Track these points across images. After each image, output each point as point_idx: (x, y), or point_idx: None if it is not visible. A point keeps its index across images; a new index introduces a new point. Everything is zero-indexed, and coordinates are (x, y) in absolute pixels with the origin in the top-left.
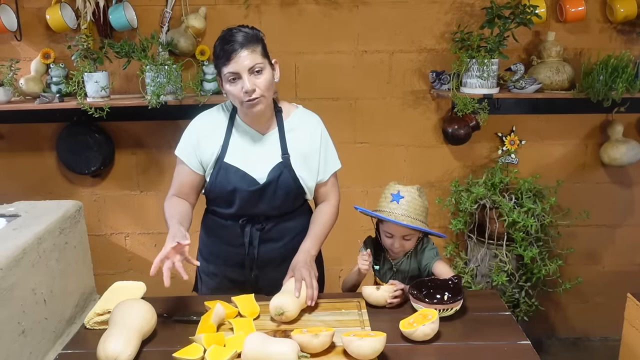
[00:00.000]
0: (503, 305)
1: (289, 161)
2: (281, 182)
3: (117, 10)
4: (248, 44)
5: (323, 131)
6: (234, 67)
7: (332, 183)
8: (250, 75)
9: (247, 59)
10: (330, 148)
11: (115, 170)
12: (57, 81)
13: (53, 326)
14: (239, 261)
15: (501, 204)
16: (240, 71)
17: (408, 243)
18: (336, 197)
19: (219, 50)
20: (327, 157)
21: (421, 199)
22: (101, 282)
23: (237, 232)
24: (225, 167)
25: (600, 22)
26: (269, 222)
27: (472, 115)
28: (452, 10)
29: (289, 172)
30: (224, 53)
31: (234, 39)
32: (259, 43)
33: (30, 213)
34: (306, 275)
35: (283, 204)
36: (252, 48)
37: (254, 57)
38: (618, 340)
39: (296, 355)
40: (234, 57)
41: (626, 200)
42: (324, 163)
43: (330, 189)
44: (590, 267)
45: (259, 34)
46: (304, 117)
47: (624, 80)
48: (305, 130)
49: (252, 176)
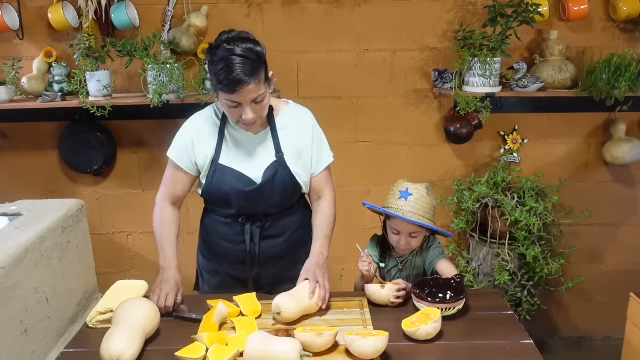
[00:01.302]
0: (505, 305)
1: (283, 159)
2: (277, 181)
3: (119, 9)
4: (254, 75)
5: (315, 125)
6: (238, 99)
7: (326, 177)
8: (252, 104)
9: (252, 92)
10: (323, 142)
11: (117, 169)
12: (60, 80)
13: (55, 325)
14: (240, 258)
15: (503, 203)
16: (244, 102)
17: (414, 241)
18: (331, 192)
19: (223, 77)
20: (320, 151)
21: (429, 197)
22: (103, 281)
23: (238, 229)
24: (221, 169)
25: (603, 20)
26: (268, 219)
27: (474, 114)
28: (455, 8)
29: (284, 170)
30: (229, 83)
31: (239, 68)
32: (262, 67)
33: (33, 212)
34: (320, 277)
35: (281, 202)
36: (258, 78)
37: (258, 89)
38: (621, 340)
39: (298, 354)
40: (239, 90)
41: (629, 199)
42: (317, 157)
43: (324, 184)
44: (593, 266)
45: (262, 56)
46: (295, 113)
47: (627, 78)
48: (297, 127)
49: (248, 176)
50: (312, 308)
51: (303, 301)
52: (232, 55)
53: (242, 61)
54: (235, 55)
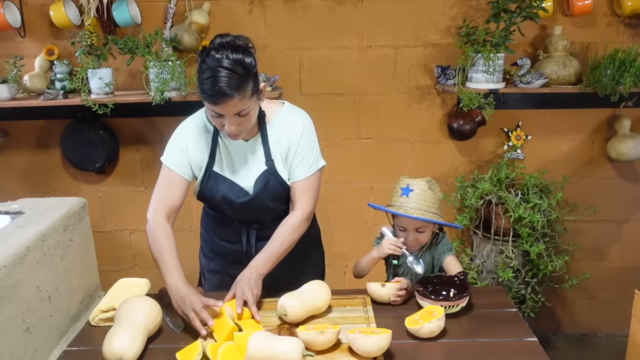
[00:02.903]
0: (509, 302)
1: (273, 167)
2: (269, 190)
3: (120, 7)
4: (238, 89)
5: (305, 131)
6: (220, 111)
7: (305, 188)
8: (235, 116)
9: (236, 106)
10: (311, 150)
11: (119, 166)
12: (61, 78)
13: (58, 323)
14: (237, 258)
15: (507, 200)
16: (226, 114)
17: (422, 236)
18: (306, 206)
19: (207, 87)
20: (305, 158)
21: (432, 191)
22: (106, 279)
23: (234, 230)
24: (214, 176)
25: (607, 15)
26: (264, 221)
27: (477, 111)
28: (458, 4)
29: (275, 179)
30: (212, 94)
31: (223, 80)
32: (250, 82)
33: (35, 210)
34: (248, 293)
35: (275, 208)
36: (243, 93)
37: (242, 103)
38: (625, 337)
39: (301, 354)
40: (221, 102)
41: (633, 196)
42: (298, 163)
43: (301, 195)
44: (597, 263)
45: (250, 68)
46: (287, 117)
47: (632, 74)
48: (286, 131)
49: (239, 185)
50: (319, 309)
51: (309, 302)
52: (219, 66)
53: (227, 74)
54: (221, 67)
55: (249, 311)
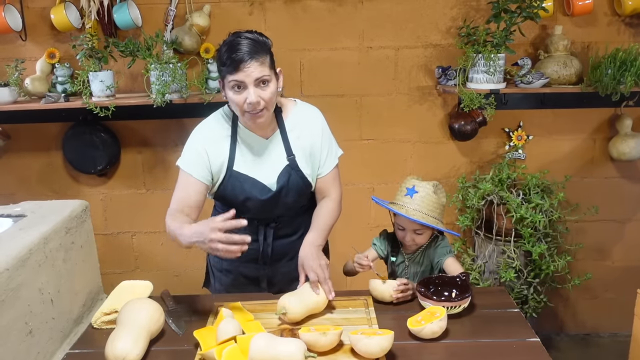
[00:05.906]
0: (511, 302)
1: (295, 162)
2: (292, 185)
3: (121, 9)
4: (257, 55)
5: (323, 124)
6: (241, 77)
7: (334, 177)
8: (256, 87)
9: (256, 71)
10: (332, 141)
11: (121, 169)
12: (63, 81)
13: (60, 326)
14: (253, 257)
15: (509, 200)
16: (247, 82)
17: (420, 237)
18: (337, 192)
19: (226, 57)
20: (329, 152)
21: (436, 196)
22: (108, 281)
23: (250, 229)
24: (236, 176)
25: (608, 15)
26: (282, 220)
27: (478, 111)
28: (458, 4)
29: (297, 174)
30: (232, 62)
31: (243, 48)
32: (267, 53)
33: (37, 213)
34: (317, 269)
35: (296, 204)
36: (262, 59)
37: (262, 69)
38: (628, 336)
39: (303, 355)
40: (242, 67)
41: (635, 195)
42: (325, 159)
43: (330, 184)
44: (600, 263)
45: (268, 43)
46: (303, 112)
47: (633, 73)
48: (306, 127)
49: (262, 182)
50: (318, 308)
51: (308, 301)
52: (238, 38)
53: (247, 42)
54: (240, 38)
55: (248, 313)
